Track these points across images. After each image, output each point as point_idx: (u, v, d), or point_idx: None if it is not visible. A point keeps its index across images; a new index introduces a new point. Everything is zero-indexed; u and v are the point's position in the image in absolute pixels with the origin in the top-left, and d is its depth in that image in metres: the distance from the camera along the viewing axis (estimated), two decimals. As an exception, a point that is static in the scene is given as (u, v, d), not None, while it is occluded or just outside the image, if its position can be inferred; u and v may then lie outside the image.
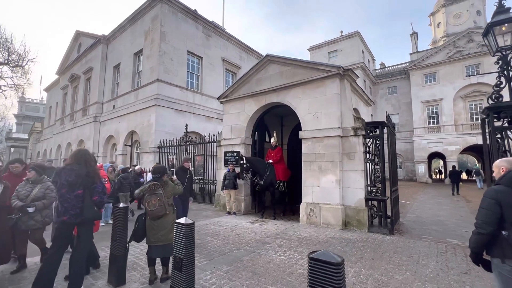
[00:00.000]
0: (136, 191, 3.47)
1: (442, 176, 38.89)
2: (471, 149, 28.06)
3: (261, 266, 4.02)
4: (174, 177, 3.91)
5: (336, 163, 6.55)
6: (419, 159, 27.00)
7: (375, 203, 6.30)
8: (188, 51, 15.36)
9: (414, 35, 31.07)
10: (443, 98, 26.40)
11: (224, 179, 8.35)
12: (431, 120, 27.32)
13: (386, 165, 6.43)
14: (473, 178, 23.84)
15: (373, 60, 37.69)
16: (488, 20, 5.10)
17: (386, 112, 7.06)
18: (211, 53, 16.87)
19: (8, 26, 67.13)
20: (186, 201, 5.90)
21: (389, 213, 6.27)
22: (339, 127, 6.63)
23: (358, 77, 7.46)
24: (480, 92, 24.79)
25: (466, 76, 25.37)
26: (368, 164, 6.52)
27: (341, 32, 32.17)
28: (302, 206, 6.96)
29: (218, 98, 9.53)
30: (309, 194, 6.93)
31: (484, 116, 5.17)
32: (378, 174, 6.21)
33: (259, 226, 6.71)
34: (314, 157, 6.93)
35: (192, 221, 2.66)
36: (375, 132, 6.43)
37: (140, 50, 15.11)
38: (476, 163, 46.00)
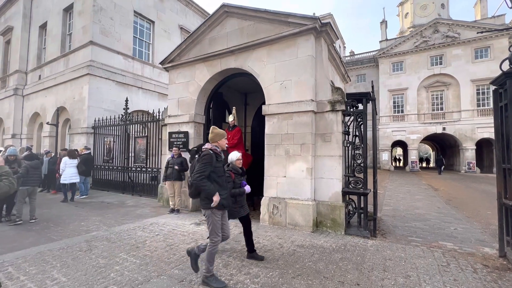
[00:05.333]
0: None
1: (401, 163, 40.95)
2: (429, 138, 29.36)
3: (182, 316, 2.36)
4: (-1, 160, 1.96)
5: (307, 146, 5.04)
6: (384, 147, 27.45)
7: (354, 197, 4.98)
8: (135, 12, 12.60)
9: (384, 22, 30.88)
10: (408, 88, 26.79)
11: (167, 167, 6.45)
12: (396, 109, 27.76)
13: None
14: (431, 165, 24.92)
15: (344, 47, 37.31)
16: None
17: (372, 81, 5.69)
18: (165, 18, 14.21)
19: None
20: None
21: (369, 209, 5.01)
22: (313, 100, 5.09)
23: (338, 38, 5.95)
24: (441, 83, 25.53)
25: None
26: (347, 148, 5.13)
27: (314, 13, 30.77)
28: (264, 202, 5.41)
29: (162, 63, 7.38)
30: (272, 187, 5.39)
31: (497, 86, 3.97)
32: (359, 161, 4.85)
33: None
34: (281, 138, 5.35)
35: None
36: (357, 107, 5.02)
37: (71, 5, 11.97)
38: (430, 151, 49.57)
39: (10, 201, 5.70)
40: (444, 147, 32.07)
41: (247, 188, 3.46)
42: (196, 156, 3.09)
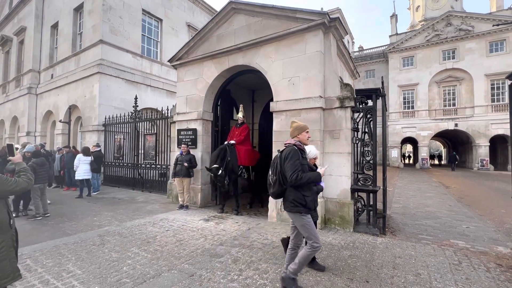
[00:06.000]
0: None
1: (411, 161, 40.18)
2: (441, 135, 28.69)
3: (193, 309, 2.41)
4: (17, 156, 2.00)
5: (316, 143, 4.99)
6: (393, 143, 27.00)
7: (363, 194, 4.94)
8: (143, 10, 12.72)
9: (394, 16, 30.18)
10: (419, 83, 26.19)
11: (176, 164, 6.54)
12: (406, 105, 27.20)
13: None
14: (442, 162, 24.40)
15: (353, 42, 36.69)
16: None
17: (382, 77, 5.60)
18: (173, 16, 14.29)
19: None
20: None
21: (378, 206, 4.96)
22: (321, 97, 5.05)
23: (347, 33, 5.87)
24: (454, 78, 24.83)
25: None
26: (356, 145, 5.08)
27: (322, 8, 30.32)
28: (272, 199, 5.42)
29: (170, 61, 7.45)
30: (280, 184, 5.39)
31: (513, 80, 3.84)
32: (368, 158, 4.80)
33: (214, 225, 5.09)
34: (288, 135, 5.32)
35: None
36: (367, 103, 4.95)
37: (81, 4, 12.17)
38: (442, 148, 48.46)
39: (26, 196, 5.91)
40: (456, 144, 31.29)
41: (323, 185, 3.04)
42: (280, 153, 2.73)
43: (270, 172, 2.80)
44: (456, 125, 23.99)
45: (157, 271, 3.14)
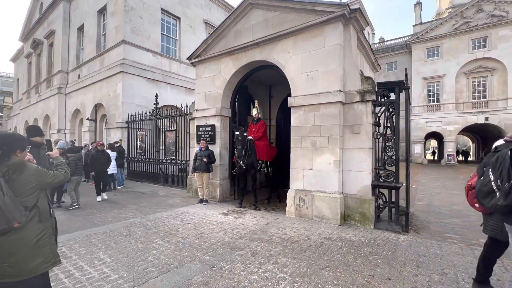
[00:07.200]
0: None
1: (436, 157, 38.23)
2: (469, 129, 27.01)
3: (215, 299, 2.50)
4: (55, 151, 2.17)
5: (335, 138, 4.93)
6: (416, 139, 25.82)
7: (385, 191, 4.81)
8: (162, 9, 13.00)
9: (419, 4, 28.55)
10: (445, 75, 24.71)
11: (195, 159, 6.70)
12: (431, 98, 25.82)
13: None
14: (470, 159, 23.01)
15: (373, 33, 35.26)
16: None
17: (406, 69, 5.37)
18: (191, 14, 14.48)
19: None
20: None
21: (400, 203, 4.80)
22: (341, 91, 4.94)
23: (368, 24, 5.67)
24: (485, 68, 23.18)
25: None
26: (377, 140, 4.94)
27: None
28: (290, 195, 5.43)
29: (189, 58, 7.60)
30: (299, 179, 5.38)
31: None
32: (390, 154, 4.65)
33: (233, 219, 5.19)
34: (307, 131, 5.28)
35: None
36: (389, 97, 4.78)
37: (104, 6, 12.66)
38: (470, 143, 45.65)
39: (59, 189, 6.36)
40: (486, 139, 29.35)
41: None
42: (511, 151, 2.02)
43: (491, 177, 2.15)
44: (486, 118, 22.48)
45: (180, 262, 3.27)
